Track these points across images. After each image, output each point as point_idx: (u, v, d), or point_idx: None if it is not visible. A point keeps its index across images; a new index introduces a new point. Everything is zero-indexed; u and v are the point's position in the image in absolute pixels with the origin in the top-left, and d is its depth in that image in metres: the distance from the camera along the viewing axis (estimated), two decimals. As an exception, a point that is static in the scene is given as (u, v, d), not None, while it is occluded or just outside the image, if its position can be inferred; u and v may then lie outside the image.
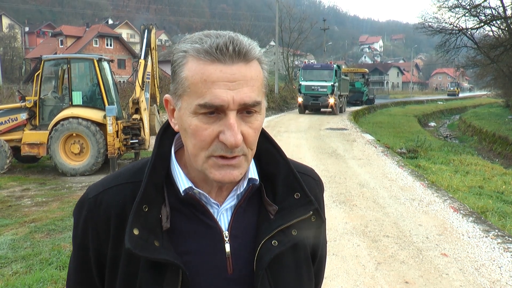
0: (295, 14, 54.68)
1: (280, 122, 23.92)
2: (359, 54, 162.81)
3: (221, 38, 0.93)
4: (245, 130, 0.95)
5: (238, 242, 1.04)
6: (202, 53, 0.92)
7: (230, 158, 0.95)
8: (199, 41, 0.94)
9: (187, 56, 0.94)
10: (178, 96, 0.97)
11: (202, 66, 0.92)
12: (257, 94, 0.95)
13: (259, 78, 0.96)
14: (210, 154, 0.95)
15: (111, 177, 1.09)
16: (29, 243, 5.98)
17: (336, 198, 8.16)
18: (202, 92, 0.91)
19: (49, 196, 8.89)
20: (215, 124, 0.93)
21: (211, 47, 0.92)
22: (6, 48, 59.85)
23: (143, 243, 0.95)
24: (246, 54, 0.93)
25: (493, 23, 30.33)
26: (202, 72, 0.92)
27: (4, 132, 11.23)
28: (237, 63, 0.92)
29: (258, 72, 0.96)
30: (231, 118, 0.92)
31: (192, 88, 0.93)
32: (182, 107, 0.96)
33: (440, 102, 62.36)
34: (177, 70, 0.96)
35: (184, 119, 0.96)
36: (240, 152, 0.95)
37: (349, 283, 4.75)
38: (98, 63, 11.11)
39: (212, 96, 0.91)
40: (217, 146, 0.94)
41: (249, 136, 0.96)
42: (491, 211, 7.87)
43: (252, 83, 0.94)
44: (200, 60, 0.92)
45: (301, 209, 1.06)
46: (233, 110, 0.92)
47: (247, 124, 0.95)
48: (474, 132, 27.75)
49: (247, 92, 0.93)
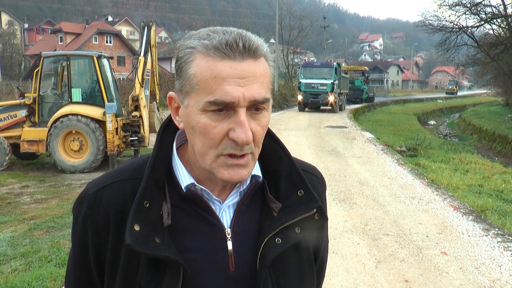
0: (295, 11, 54.62)
1: (280, 120, 23.90)
2: (359, 52, 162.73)
3: (230, 34, 0.91)
4: (254, 128, 0.93)
5: (241, 240, 1.02)
6: (211, 49, 0.90)
7: (239, 157, 0.93)
8: (207, 37, 0.92)
9: (195, 53, 0.92)
10: (185, 93, 0.95)
11: (211, 63, 0.90)
12: (266, 91, 0.94)
13: (267, 74, 0.95)
14: (219, 152, 0.93)
15: (111, 173, 1.07)
16: (28, 240, 5.97)
17: (336, 196, 8.16)
18: (212, 89, 0.90)
19: (48, 193, 8.88)
20: (224, 122, 0.92)
21: (221, 43, 0.90)
22: (5, 45, 59.80)
23: (144, 239, 0.94)
24: (256, 50, 0.92)
25: (494, 21, 30.29)
26: (212, 68, 0.90)
27: (3, 129, 11.21)
28: (247, 60, 0.91)
29: (266, 69, 0.95)
30: (241, 115, 0.91)
31: (201, 85, 0.91)
32: (189, 104, 0.94)
33: (440, 100, 62.36)
34: (184, 67, 0.94)
35: (192, 116, 0.94)
36: (249, 150, 0.94)
37: (349, 281, 4.74)
38: (98, 60, 11.09)
39: (222, 93, 0.89)
40: (226, 144, 0.92)
41: (258, 134, 0.94)
42: (491, 210, 7.87)
43: (261, 80, 0.93)
44: (209, 56, 0.91)
45: (304, 206, 1.05)
46: (243, 107, 0.91)
47: (255, 122, 0.94)
48: (474, 130, 27.74)
49: (257, 88, 0.91)
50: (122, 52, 55.63)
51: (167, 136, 1.06)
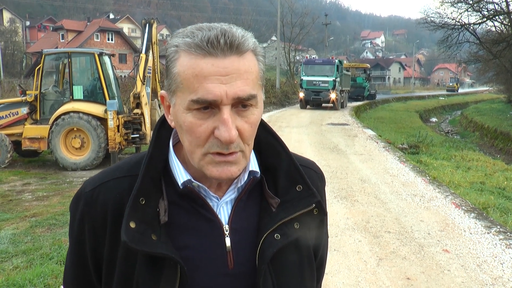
0: (297, 9, 54.58)
1: (282, 117, 23.90)
2: (361, 49, 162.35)
3: (213, 31, 0.90)
4: (241, 125, 0.92)
5: (239, 236, 1.01)
6: (193, 47, 0.89)
7: (227, 154, 0.92)
8: (190, 35, 0.91)
9: (179, 51, 0.92)
10: (172, 92, 0.94)
11: (193, 61, 0.89)
12: (251, 87, 0.92)
13: (253, 70, 0.93)
14: (206, 151, 0.92)
15: (108, 171, 1.07)
16: (30, 237, 5.98)
17: (338, 194, 8.15)
18: (195, 88, 0.89)
19: (49, 190, 8.89)
20: (209, 120, 0.91)
21: (202, 41, 0.89)
22: (7, 42, 59.72)
23: (140, 236, 0.93)
24: (239, 46, 0.90)
25: (496, 18, 30.18)
26: (194, 67, 0.89)
27: (5, 126, 11.23)
28: (230, 56, 0.90)
29: (253, 64, 0.93)
30: (225, 113, 0.89)
31: (185, 84, 0.90)
32: (176, 103, 0.94)
33: (442, 97, 62.25)
34: (170, 65, 0.94)
35: (179, 115, 0.93)
36: (236, 148, 0.92)
37: (350, 279, 4.73)
38: (99, 57, 11.08)
39: (204, 91, 0.88)
40: (212, 142, 0.91)
41: (245, 131, 0.93)
42: (493, 207, 7.85)
43: (246, 76, 0.91)
44: (192, 54, 0.90)
45: (303, 201, 1.04)
46: (227, 104, 0.89)
47: (243, 119, 0.92)
48: (476, 127, 27.69)
49: (240, 85, 0.90)
50: (124, 50, 55.61)
51: (163, 133, 1.05)
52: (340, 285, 4.58)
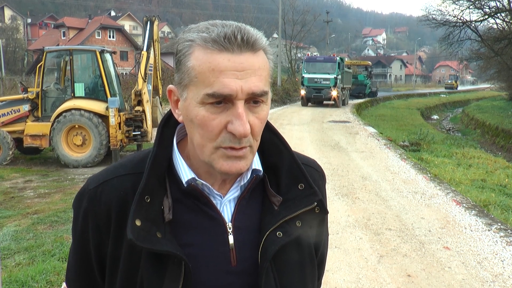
0: (298, 6, 54.40)
1: (283, 115, 23.89)
2: (362, 46, 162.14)
3: (229, 28, 0.91)
4: (252, 120, 0.94)
5: (242, 234, 1.02)
6: (210, 42, 0.91)
7: (238, 149, 0.93)
8: (205, 30, 0.92)
9: (194, 46, 0.93)
10: (184, 86, 0.95)
11: (210, 55, 0.91)
12: (264, 84, 0.94)
13: (266, 68, 0.95)
14: (218, 145, 0.94)
15: (111, 168, 1.07)
16: (32, 234, 6.00)
17: (339, 191, 8.15)
18: (210, 82, 0.90)
19: (51, 187, 8.91)
20: (222, 114, 0.92)
21: (219, 36, 0.90)
22: (8, 40, 59.70)
23: (145, 234, 0.94)
24: (254, 43, 0.92)
25: (498, 15, 30.15)
26: (210, 61, 0.90)
27: (6, 123, 11.23)
28: (245, 53, 0.91)
29: (265, 62, 0.96)
30: (239, 107, 0.91)
31: (200, 78, 0.91)
32: (188, 97, 0.94)
33: (443, 95, 62.15)
34: (183, 59, 0.94)
35: (191, 109, 0.94)
36: (247, 143, 0.94)
37: (351, 276, 4.75)
38: (101, 54, 11.08)
39: (220, 85, 0.89)
40: (225, 137, 0.93)
41: (256, 127, 0.95)
42: (494, 205, 7.85)
43: (260, 73, 0.93)
44: (208, 49, 0.91)
45: (305, 200, 1.05)
46: (241, 99, 0.91)
47: (254, 115, 0.94)
48: (477, 125, 27.65)
49: (255, 81, 0.91)
50: (125, 47, 55.56)
51: (167, 131, 1.06)
52: (341, 282, 4.59)
